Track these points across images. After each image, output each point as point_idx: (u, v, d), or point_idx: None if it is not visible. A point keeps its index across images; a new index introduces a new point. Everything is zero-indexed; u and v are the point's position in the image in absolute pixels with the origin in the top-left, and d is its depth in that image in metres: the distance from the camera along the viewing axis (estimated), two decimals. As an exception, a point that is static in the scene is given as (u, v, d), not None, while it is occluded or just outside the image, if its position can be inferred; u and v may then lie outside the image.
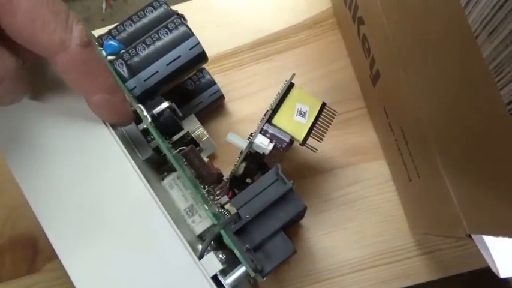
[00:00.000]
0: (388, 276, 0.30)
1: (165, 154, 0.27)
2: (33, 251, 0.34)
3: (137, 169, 0.22)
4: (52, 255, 0.34)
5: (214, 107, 0.33)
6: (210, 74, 0.31)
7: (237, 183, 0.29)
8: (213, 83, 0.31)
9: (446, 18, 0.15)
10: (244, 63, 0.35)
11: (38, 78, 0.22)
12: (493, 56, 0.13)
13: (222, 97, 0.32)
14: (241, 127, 0.34)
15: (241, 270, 0.21)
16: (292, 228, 0.31)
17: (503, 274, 0.19)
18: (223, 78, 0.34)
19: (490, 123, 0.15)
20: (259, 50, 0.35)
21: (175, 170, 0.27)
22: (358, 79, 0.33)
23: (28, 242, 0.34)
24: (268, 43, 0.35)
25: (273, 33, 0.36)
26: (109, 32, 0.27)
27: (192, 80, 0.31)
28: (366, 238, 0.31)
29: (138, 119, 0.26)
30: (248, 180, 0.29)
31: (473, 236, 0.19)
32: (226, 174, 0.28)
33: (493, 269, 0.19)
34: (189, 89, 0.31)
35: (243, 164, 0.26)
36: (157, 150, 0.26)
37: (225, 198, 0.29)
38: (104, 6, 1.34)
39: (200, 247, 0.23)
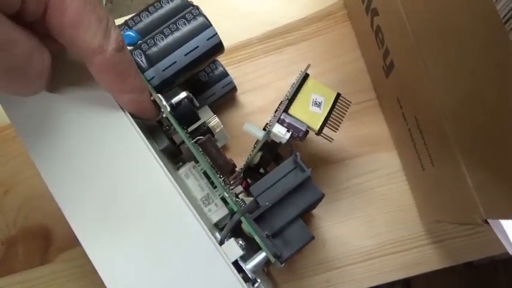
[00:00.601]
0: (398, 265, 0.31)
1: (179, 145, 0.28)
2: (46, 242, 0.34)
3: (157, 157, 0.23)
4: (65, 246, 0.34)
5: (226, 99, 0.33)
6: (223, 66, 0.32)
7: (251, 173, 0.29)
8: (226, 74, 0.32)
9: (471, 4, 0.15)
10: (256, 56, 0.36)
11: (57, 68, 0.22)
12: None
13: (234, 89, 0.33)
14: (253, 118, 0.34)
15: (261, 256, 0.22)
16: (304, 217, 0.32)
17: (521, 257, 0.19)
18: (235, 70, 0.34)
19: (508, 111, 0.15)
20: (270, 42, 0.36)
21: (189, 161, 0.27)
22: (369, 71, 0.33)
23: (41, 233, 0.34)
24: (279, 35, 0.36)
25: (283, 25, 0.36)
26: (125, 23, 0.27)
27: (205, 71, 0.31)
28: (376, 227, 0.32)
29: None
30: (261, 171, 0.29)
31: (489, 221, 0.20)
32: (238, 166, 0.29)
33: (510, 251, 0.19)
34: (203, 80, 0.31)
35: (259, 154, 0.26)
36: (172, 140, 0.27)
37: (239, 188, 0.29)
38: (104, 1, 1.33)
39: (217, 235, 0.24)
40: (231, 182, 0.29)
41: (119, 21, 0.28)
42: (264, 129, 0.26)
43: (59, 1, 0.16)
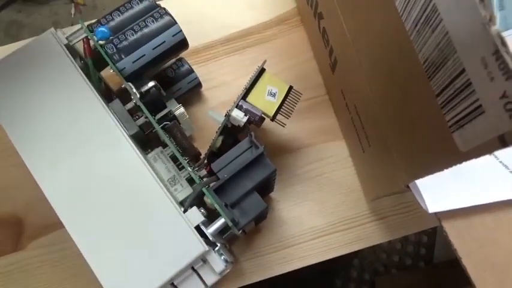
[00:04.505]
0: (346, 240, 0.35)
1: (148, 133, 0.31)
2: (18, 229, 0.36)
3: (128, 137, 0.25)
4: (37, 234, 0.36)
5: (192, 94, 0.37)
6: (188, 63, 0.35)
7: (214, 158, 0.32)
8: (191, 71, 0.35)
9: (384, 17, 0.20)
10: (219, 56, 0.39)
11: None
12: (419, 47, 0.17)
13: (199, 85, 0.36)
14: (217, 112, 0.37)
15: (220, 221, 0.25)
16: (264, 200, 0.35)
17: (431, 210, 0.23)
18: (200, 69, 0.38)
19: (411, 93, 0.19)
20: (232, 44, 0.39)
21: (157, 147, 0.30)
22: (320, 69, 0.37)
23: (12, 221, 0.36)
24: (240, 38, 0.39)
25: (244, 29, 0.40)
26: (98, 21, 0.30)
27: (172, 68, 0.34)
28: (328, 208, 0.35)
29: (125, 99, 0.29)
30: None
31: (410, 185, 0.24)
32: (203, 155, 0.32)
33: (423, 206, 0.23)
34: (170, 76, 0.34)
35: (221, 138, 0.29)
36: (141, 128, 0.30)
37: (204, 172, 0.32)
38: (73, 11, 1.33)
39: (181, 209, 0.27)
40: (196, 167, 0.32)
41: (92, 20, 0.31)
42: (226, 115, 0.30)
43: None
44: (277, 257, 0.34)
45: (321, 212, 0.35)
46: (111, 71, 0.28)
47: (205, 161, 0.32)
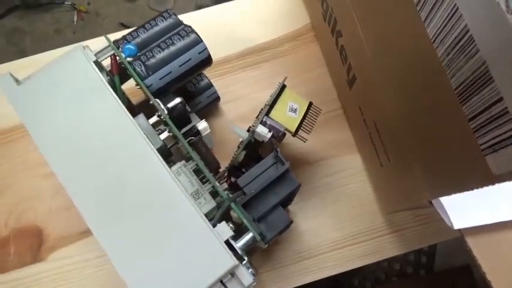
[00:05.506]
0: (361, 253, 0.35)
1: (171, 147, 0.31)
2: (38, 241, 0.36)
3: (156, 151, 0.26)
4: (57, 245, 0.36)
5: (210, 108, 0.37)
6: (208, 78, 0.36)
7: (235, 172, 0.33)
8: (210, 85, 0.36)
9: (409, 28, 0.20)
10: (235, 70, 0.40)
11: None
12: (452, 73, 0.18)
13: (218, 98, 0.37)
14: (236, 125, 0.38)
15: (248, 236, 0.25)
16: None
17: (456, 226, 0.24)
18: (217, 83, 0.38)
19: (440, 115, 0.20)
20: (248, 58, 0.40)
21: (180, 160, 0.31)
22: (334, 84, 0.38)
23: (33, 233, 0.36)
24: (255, 53, 0.40)
25: (259, 44, 0.41)
26: (124, 38, 0.30)
27: (192, 82, 0.35)
28: (343, 220, 0.36)
29: (149, 115, 0.30)
30: (244, 170, 0.33)
31: (433, 201, 0.24)
32: (222, 167, 0.32)
33: (448, 223, 0.24)
34: (190, 90, 0.35)
35: (243, 152, 0.30)
36: (163, 142, 0.30)
37: (224, 185, 0.33)
38: (75, 18, 1.34)
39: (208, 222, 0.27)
40: (217, 180, 0.32)
41: (116, 36, 0.31)
42: (248, 131, 0.30)
43: None
44: (296, 268, 0.35)
45: (337, 224, 0.36)
46: (137, 86, 0.29)
47: (225, 174, 0.33)
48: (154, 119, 0.30)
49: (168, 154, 0.31)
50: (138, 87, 0.29)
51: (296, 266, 0.35)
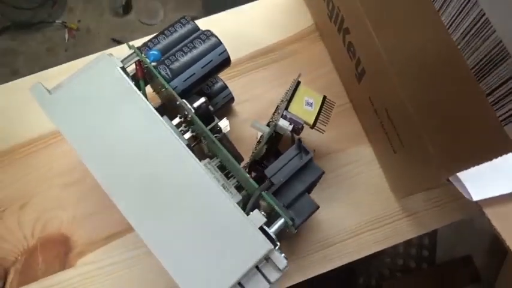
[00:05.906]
0: (380, 237, 0.37)
1: (194, 145, 0.33)
2: (65, 248, 0.37)
3: (188, 149, 0.27)
4: (84, 250, 0.37)
5: (225, 108, 0.39)
6: (222, 80, 0.37)
7: (255, 166, 0.34)
8: (225, 87, 0.37)
9: (422, 19, 0.22)
10: (246, 72, 0.42)
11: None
12: (468, 55, 0.20)
13: (232, 99, 0.38)
14: (248, 124, 0.40)
15: (280, 221, 0.27)
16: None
17: (475, 198, 0.26)
18: (229, 85, 0.40)
19: (457, 94, 0.22)
20: (257, 60, 0.42)
21: (204, 158, 0.32)
22: (341, 80, 0.40)
23: (59, 241, 0.37)
24: (264, 55, 0.42)
25: (267, 46, 0.42)
26: (145, 44, 0.32)
27: (208, 85, 0.37)
28: (360, 208, 0.38)
29: (172, 116, 0.31)
30: (263, 165, 0.35)
31: (450, 178, 0.26)
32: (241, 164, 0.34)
33: (466, 196, 0.26)
34: (206, 92, 0.37)
35: (265, 146, 0.32)
36: (188, 141, 0.32)
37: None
38: (66, 36, 1.34)
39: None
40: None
41: (138, 42, 0.33)
42: (268, 125, 0.32)
43: None
44: (317, 257, 0.36)
45: (353, 212, 0.38)
46: (153, 91, 0.30)
47: (247, 169, 0.34)
48: (176, 120, 0.31)
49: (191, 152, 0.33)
50: (155, 91, 0.31)
51: (317, 255, 0.36)
